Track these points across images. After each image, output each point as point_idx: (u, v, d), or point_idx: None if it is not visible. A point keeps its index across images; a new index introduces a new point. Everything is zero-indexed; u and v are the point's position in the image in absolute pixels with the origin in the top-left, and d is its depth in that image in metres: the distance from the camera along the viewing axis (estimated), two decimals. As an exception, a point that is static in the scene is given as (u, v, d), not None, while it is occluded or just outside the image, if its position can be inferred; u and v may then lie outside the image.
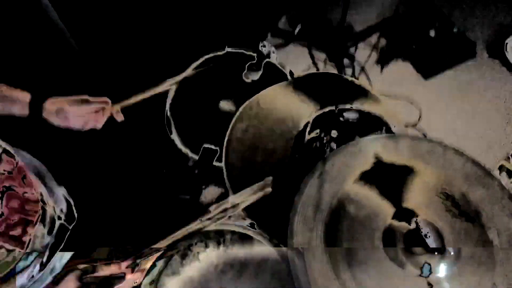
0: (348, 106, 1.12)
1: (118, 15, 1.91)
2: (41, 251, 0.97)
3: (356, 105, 1.16)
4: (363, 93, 1.22)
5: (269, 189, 0.97)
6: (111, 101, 1.19)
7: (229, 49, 1.50)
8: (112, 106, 1.19)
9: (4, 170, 0.92)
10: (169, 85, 1.36)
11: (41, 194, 1.02)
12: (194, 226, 0.93)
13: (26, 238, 0.92)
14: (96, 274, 0.86)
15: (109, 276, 0.87)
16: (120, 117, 1.21)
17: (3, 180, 0.90)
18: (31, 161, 1.11)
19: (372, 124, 1.11)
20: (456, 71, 2.68)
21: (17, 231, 0.90)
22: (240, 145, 1.10)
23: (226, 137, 1.12)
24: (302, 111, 1.15)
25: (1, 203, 0.87)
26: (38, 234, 0.96)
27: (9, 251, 0.88)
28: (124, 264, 0.89)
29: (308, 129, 1.09)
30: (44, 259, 1.00)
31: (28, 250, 0.92)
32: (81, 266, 0.89)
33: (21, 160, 1.05)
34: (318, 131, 1.13)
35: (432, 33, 2.63)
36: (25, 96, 1.05)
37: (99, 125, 1.17)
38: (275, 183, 1.03)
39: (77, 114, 1.11)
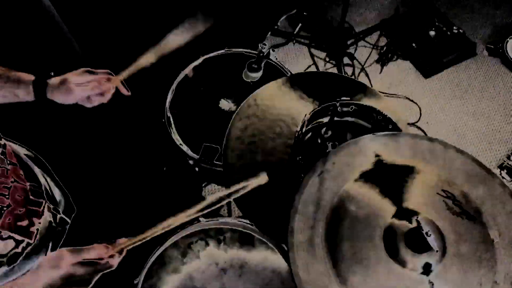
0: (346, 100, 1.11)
1: (119, 15, 1.91)
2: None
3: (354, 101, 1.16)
4: (362, 90, 1.21)
5: (264, 177, 0.95)
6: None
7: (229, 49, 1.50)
8: (116, 77, 1.13)
9: (10, 164, 0.92)
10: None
11: (44, 187, 1.03)
12: (192, 212, 0.91)
13: (33, 229, 0.92)
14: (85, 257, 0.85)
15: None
16: (125, 91, 1.16)
17: (10, 173, 0.90)
18: (32, 154, 1.11)
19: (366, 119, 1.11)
20: (456, 70, 2.68)
21: (24, 223, 0.90)
22: (239, 144, 1.10)
23: (225, 136, 1.11)
24: (300, 108, 1.15)
25: (8, 195, 0.87)
26: (44, 225, 0.97)
27: (17, 242, 0.88)
28: (112, 250, 0.90)
29: (304, 128, 1.09)
30: (49, 252, 1.00)
31: (35, 241, 0.93)
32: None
33: (23, 154, 1.06)
34: (311, 132, 1.13)
35: (432, 33, 2.63)
36: (29, 76, 1.02)
37: (105, 99, 1.12)
38: (275, 181, 1.03)
39: (80, 82, 1.06)
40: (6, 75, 1.00)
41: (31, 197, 0.94)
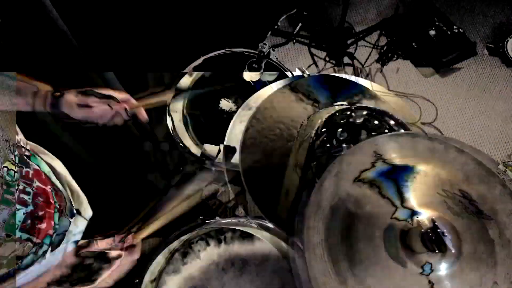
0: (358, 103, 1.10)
1: (119, 15, 1.91)
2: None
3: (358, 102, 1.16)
4: (361, 91, 1.21)
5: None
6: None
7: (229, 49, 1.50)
8: (133, 103, 1.14)
9: (34, 167, 0.92)
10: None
11: (63, 189, 1.03)
12: None
13: (50, 232, 0.93)
14: (91, 249, 0.87)
15: (103, 251, 0.88)
16: (143, 117, 1.17)
17: (33, 176, 0.90)
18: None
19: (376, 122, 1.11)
20: (457, 70, 2.68)
21: (42, 225, 0.90)
22: (240, 147, 1.11)
23: (225, 137, 1.12)
24: (300, 110, 1.16)
25: (30, 198, 0.87)
26: (61, 228, 0.97)
27: (34, 244, 0.88)
28: (117, 238, 0.90)
29: (319, 131, 1.08)
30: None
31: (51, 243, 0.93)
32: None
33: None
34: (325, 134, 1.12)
35: (432, 32, 2.63)
36: (46, 88, 1.02)
37: (121, 121, 1.13)
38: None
39: (101, 107, 1.06)
40: (27, 86, 1.00)
41: (51, 200, 0.94)
